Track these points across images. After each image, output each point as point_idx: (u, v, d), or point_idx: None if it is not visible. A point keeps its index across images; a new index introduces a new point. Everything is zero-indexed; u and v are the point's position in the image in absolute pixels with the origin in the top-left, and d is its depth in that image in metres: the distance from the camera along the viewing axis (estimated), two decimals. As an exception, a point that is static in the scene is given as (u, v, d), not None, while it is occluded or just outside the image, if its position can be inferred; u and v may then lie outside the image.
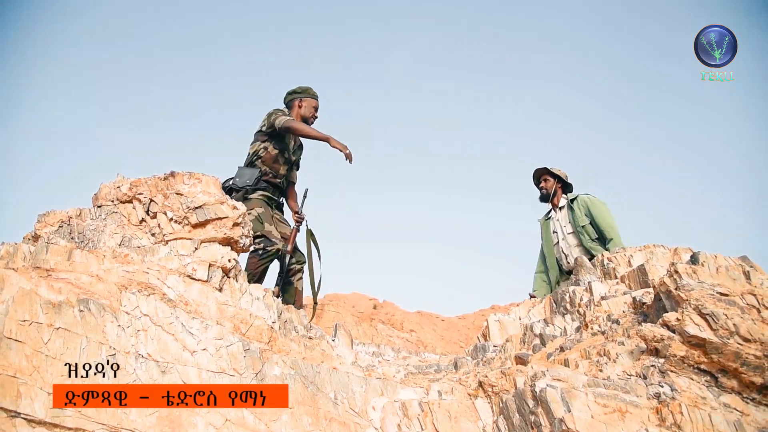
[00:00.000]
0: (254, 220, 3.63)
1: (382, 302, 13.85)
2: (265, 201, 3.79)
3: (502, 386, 1.92)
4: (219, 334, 1.97)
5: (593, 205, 3.86)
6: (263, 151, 3.84)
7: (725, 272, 1.90)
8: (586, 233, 3.81)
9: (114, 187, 2.70)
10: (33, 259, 2.03)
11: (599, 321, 2.20)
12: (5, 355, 1.65)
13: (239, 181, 3.74)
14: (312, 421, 1.85)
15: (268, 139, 3.86)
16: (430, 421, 1.86)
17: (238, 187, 3.72)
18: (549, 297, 2.81)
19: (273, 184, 3.88)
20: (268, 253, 3.61)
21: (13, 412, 1.59)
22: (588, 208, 3.87)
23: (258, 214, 3.66)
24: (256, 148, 3.86)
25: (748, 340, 1.63)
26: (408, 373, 2.28)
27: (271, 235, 3.65)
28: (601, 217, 3.79)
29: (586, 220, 3.84)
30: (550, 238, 4.07)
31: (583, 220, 3.84)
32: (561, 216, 4.05)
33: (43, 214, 2.66)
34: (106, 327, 1.84)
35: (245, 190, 3.70)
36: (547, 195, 4.12)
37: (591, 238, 3.79)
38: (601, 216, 3.80)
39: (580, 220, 3.86)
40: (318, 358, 2.15)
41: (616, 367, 1.83)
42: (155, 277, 2.09)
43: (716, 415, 1.53)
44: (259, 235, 3.63)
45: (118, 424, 1.67)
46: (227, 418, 1.77)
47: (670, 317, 1.79)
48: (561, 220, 4.04)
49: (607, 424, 1.55)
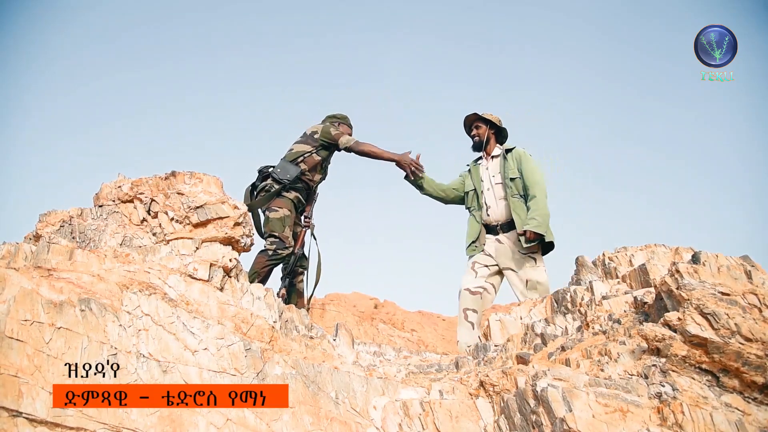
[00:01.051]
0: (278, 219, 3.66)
1: (383, 302, 13.84)
2: (295, 204, 3.82)
3: (503, 386, 1.92)
4: (220, 333, 1.98)
5: (525, 160, 3.67)
6: (308, 155, 3.89)
7: (726, 272, 1.90)
8: (513, 186, 3.61)
9: (115, 186, 2.70)
10: (34, 258, 2.04)
11: (600, 320, 2.20)
12: (7, 354, 1.65)
13: (281, 172, 3.78)
14: (313, 421, 1.85)
15: (317, 146, 3.92)
16: (431, 421, 1.86)
17: (278, 179, 3.74)
18: (550, 296, 2.80)
19: (308, 186, 3.92)
20: (279, 255, 3.62)
21: (15, 411, 1.59)
22: (520, 162, 3.67)
23: (284, 216, 3.68)
24: (303, 150, 3.91)
25: (749, 339, 1.63)
26: (409, 372, 2.28)
27: (287, 240, 3.67)
28: (530, 173, 3.59)
29: (517, 174, 3.63)
30: (479, 184, 3.82)
31: (513, 173, 3.64)
32: (492, 165, 3.82)
33: (44, 214, 2.66)
34: (107, 327, 1.84)
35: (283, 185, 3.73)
36: (480, 143, 3.84)
37: (517, 193, 3.60)
38: (530, 171, 3.60)
39: (510, 172, 3.65)
40: (319, 358, 2.15)
41: (617, 366, 1.83)
42: (156, 277, 2.09)
43: (717, 414, 1.53)
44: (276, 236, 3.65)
45: (120, 424, 1.67)
46: (228, 418, 1.77)
47: (671, 317, 1.79)
48: (491, 170, 3.80)
49: (609, 423, 1.55)
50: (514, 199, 3.58)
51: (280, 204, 3.71)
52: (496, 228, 3.66)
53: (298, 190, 3.85)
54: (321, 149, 3.93)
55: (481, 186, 3.79)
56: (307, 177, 3.89)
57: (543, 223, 3.40)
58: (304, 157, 3.88)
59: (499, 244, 3.61)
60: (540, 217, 3.40)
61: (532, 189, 3.52)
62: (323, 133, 3.92)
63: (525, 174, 3.60)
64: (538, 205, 3.46)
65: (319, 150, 3.92)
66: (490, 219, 3.69)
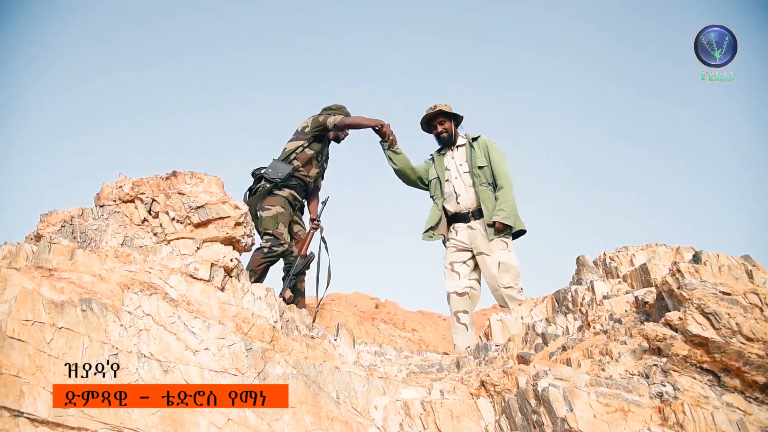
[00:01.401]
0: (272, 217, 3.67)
1: (384, 302, 13.82)
2: (289, 201, 3.82)
3: (504, 385, 1.92)
4: (221, 333, 1.98)
5: (493, 150, 3.72)
6: (300, 150, 3.89)
7: (728, 271, 1.90)
8: (482, 175, 3.66)
9: (116, 186, 2.70)
10: (35, 258, 2.04)
11: (601, 320, 2.20)
12: (8, 354, 1.65)
13: (272, 172, 3.80)
14: (314, 421, 1.85)
15: (308, 140, 3.91)
16: (432, 421, 1.86)
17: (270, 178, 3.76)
18: (551, 296, 2.80)
19: (303, 182, 3.91)
20: (274, 253, 3.62)
21: (16, 411, 1.59)
22: (488, 151, 3.72)
23: (277, 213, 3.69)
24: (294, 146, 3.92)
25: (750, 339, 1.63)
26: (410, 372, 2.28)
27: (282, 236, 3.67)
28: (498, 164, 3.66)
29: (485, 162, 3.68)
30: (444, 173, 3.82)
31: (481, 161, 3.68)
32: (457, 154, 3.81)
33: (45, 214, 2.67)
34: (108, 327, 1.84)
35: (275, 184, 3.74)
36: (449, 138, 3.82)
37: (485, 182, 3.65)
38: (498, 162, 3.67)
39: (478, 160, 3.69)
40: (320, 358, 2.15)
41: (618, 366, 1.83)
42: (157, 277, 2.09)
43: (719, 414, 1.53)
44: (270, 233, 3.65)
45: (121, 424, 1.67)
46: (229, 418, 1.77)
47: (672, 316, 1.79)
48: (457, 159, 3.80)
49: (610, 423, 1.55)
50: (482, 187, 3.64)
51: (272, 202, 3.73)
52: (467, 216, 3.69)
53: (292, 187, 3.85)
54: (313, 142, 3.93)
55: (446, 175, 3.80)
56: (301, 173, 3.89)
57: (511, 214, 3.52)
58: (297, 153, 3.89)
59: (471, 231, 3.65)
60: (508, 209, 3.52)
61: (500, 180, 3.62)
62: (313, 123, 3.93)
63: (494, 164, 3.67)
64: (506, 196, 3.56)
65: (311, 143, 3.92)
66: (461, 207, 3.70)
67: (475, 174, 3.66)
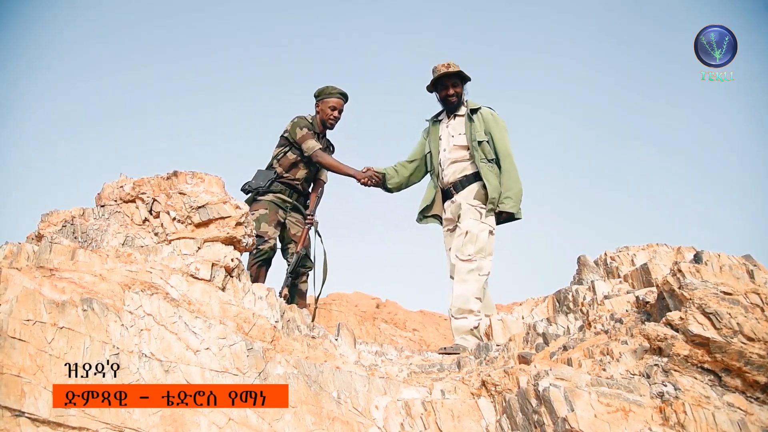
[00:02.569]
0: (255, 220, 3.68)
1: (385, 301, 13.86)
2: (275, 202, 3.81)
3: (505, 385, 1.92)
4: (222, 333, 1.98)
5: (496, 125, 3.40)
6: (282, 155, 3.89)
7: (729, 271, 1.90)
8: (481, 150, 3.34)
9: (117, 186, 2.70)
10: (36, 258, 2.04)
11: (602, 320, 2.20)
12: (9, 354, 1.65)
13: (253, 183, 3.83)
14: (315, 421, 1.85)
15: (288, 144, 3.90)
16: (433, 421, 1.86)
17: (251, 189, 3.80)
18: (552, 296, 2.80)
19: (291, 186, 3.89)
20: (261, 251, 3.64)
21: (17, 411, 1.59)
22: (489, 125, 3.39)
23: (260, 215, 3.71)
24: (277, 152, 3.92)
25: (751, 339, 1.63)
26: (411, 372, 2.28)
27: (266, 234, 3.68)
28: (501, 141, 3.37)
29: (485, 137, 3.36)
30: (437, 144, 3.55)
31: (481, 136, 3.36)
32: (453, 123, 3.50)
33: (46, 214, 2.67)
34: (109, 326, 1.84)
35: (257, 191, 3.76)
36: (458, 103, 3.49)
37: (485, 158, 3.34)
38: (501, 139, 3.38)
39: (478, 134, 3.36)
40: (321, 358, 2.15)
41: (619, 366, 1.83)
42: (158, 277, 2.09)
43: (720, 414, 1.53)
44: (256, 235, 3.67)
45: (122, 423, 1.68)
46: (230, 418, 1.77)
47: (673, 316, 1.79)
48: (451, 129, 3.49)
49: (611, 423, 1.55)
50: (482, 163, 3.33)
51: (256, 207, 3.75)
52: (450, 192, 3.45)
53: (278, 191, 3.84)
54: (292, 146, 3.87)
55: (438, 145, 3.54)
56: (287, 178, 3.86)
57: (517, 202, 3.30)
58: (279, 159, 3.87)
59: (453, 204, 3.42)
60: (515, 196, 3.28)
61: (503, 161, 3.34)
62: (291, 133, 3.86)
63: (496, 142, 3.38)
64: (512, 180, 3.29)
65: (292, 147, 3.87)
66: (444, 183, 3.47)
67: (474, 148, 3.36)
